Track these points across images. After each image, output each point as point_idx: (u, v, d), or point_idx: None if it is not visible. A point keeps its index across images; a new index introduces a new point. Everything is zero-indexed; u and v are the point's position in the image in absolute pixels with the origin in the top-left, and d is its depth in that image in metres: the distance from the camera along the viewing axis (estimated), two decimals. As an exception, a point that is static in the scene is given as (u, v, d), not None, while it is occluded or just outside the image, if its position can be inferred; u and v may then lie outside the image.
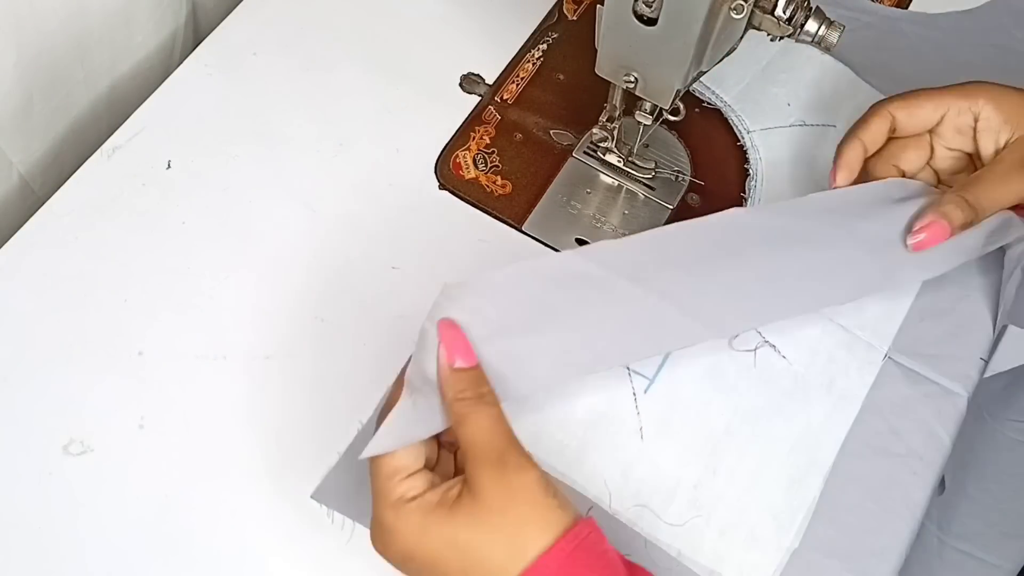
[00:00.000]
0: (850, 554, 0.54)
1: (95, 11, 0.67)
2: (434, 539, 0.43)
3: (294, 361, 0.59)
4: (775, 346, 0.59)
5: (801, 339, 0.60)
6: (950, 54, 0.71)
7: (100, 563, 0.54)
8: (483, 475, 0.43)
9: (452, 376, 0.46)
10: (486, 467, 0.43)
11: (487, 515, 0.43)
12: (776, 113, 0.68)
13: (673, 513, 0.55)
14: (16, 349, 0.59)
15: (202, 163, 0.66)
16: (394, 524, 0.44)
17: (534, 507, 0.43)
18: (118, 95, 0.72)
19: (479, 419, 0.44)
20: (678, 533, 0.55)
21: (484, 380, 0.46)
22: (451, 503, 0.43)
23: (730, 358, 0.59)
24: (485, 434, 0.44)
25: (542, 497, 0.43)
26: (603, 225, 0.65)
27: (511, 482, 0.43)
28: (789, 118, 0.68)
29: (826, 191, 0.58)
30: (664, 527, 0.55)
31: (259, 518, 0.55)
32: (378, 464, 0.45)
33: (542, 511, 0.43)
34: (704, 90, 0.68)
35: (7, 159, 0.66)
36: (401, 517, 0.44)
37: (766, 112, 0.68)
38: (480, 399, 0.45)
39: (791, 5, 0.52)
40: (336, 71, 0.70)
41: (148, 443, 0.57)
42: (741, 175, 0.67)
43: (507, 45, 0.71)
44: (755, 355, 0.59)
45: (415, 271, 0.62)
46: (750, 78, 0.69)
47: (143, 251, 0.63)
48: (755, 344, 0.60)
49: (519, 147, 0.67)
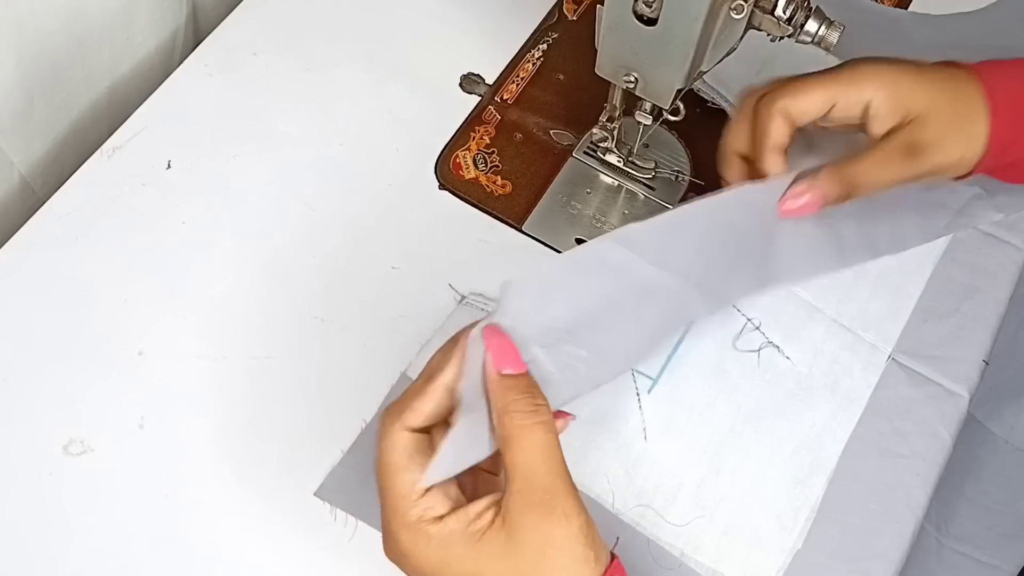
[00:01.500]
0: (853, 555, 0.54)
1: (95, 12, 0.67)
2: (455, 571, 0.40)
3: (294, 361, 0.59)
4: (779, 347, 0.60)
5: (805, 340, 0.60)
6: (955, 56, 0.70)
7: (100, 563, 0.54)
8: (525, 515, 0.39)
9: (501, 383, 0.41)
10: (531, 507, 0.39)
11: (518, 559, 0.39)
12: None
13: (676, 513, 0.55)
14: (16, 349, 0.59)
15: (202, 163, 0.66)
16: (411, 548, 0.40)
17: (572, 561, 0.40)
18: (118, 95, 0.72)
19: (532, 444, 0.40)
20: (681, 533, 0.55)
21: (538, 390, 0.42)
22: (479, 534, 0.40)
23: (734, 358, 0.59)
24: (536, 465, 0.40)
25: (581, 551, 0.40)
26: (603, 225, 0.65)
27: (554, 531, 0.39)
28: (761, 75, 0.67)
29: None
30: (667, 527, 0.55)
31: (259, 518, 0.55)
32: (390, 478, 0.41)
33: (578, 566, 0.40)
34: (708, 90, 0.68)
35: (8, 159, 0.66)
36: (420, 542, 0.40)
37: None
38: (535, 413, 0.41)
39: (791, 5, 0.52)
40: (336, 71, 0.70)
41: (148, 443, 0.57)
42: (741, 175, 0.67)
43: (507, 45, 0.71)
44: (759, 356, 0.59)
45: (415, 271, 0.62)
46: (753, 78, 0.68)
47: (143, 251, 0.63)
48: (759, 344, 0.60)
49: (519, 147, 0.67)
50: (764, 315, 0.61)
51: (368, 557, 0.54)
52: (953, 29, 0.72)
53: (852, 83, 0.52)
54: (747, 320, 0.60)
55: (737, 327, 0.60)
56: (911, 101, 0.51)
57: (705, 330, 0.60)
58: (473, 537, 0.39)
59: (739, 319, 0.60)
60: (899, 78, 0.52)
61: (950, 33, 0.72)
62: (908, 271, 0.63)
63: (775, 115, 0.53)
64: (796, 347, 0.60)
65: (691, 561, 0.54)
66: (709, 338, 0.60)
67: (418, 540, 0.40)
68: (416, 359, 0.58)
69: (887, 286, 0.62)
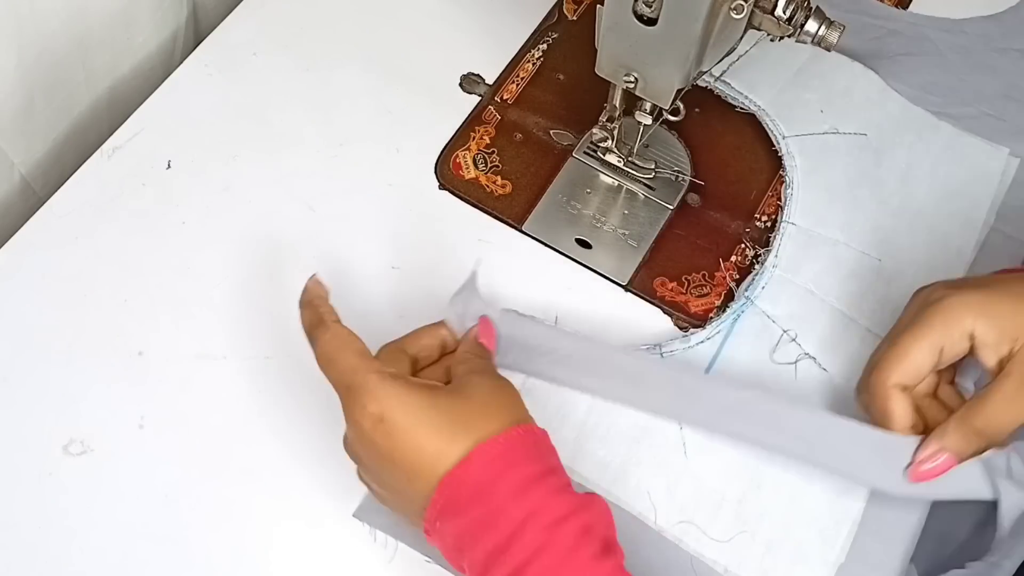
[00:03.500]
0: (895, 568, 0.53)
1: (96, 12, 0.67)
2: (414, 402, 0.46)
3: (294, 361, 0.59)
4: (815, 358, 0.59)
5: (840, 351, 0.60)
6: (976, 59, 0.71)
7: (100, 563, 0.54)
8: (473, 377, 0.49)
9: (472, 343, 0.53)
10: (475, 373, 0.49)
11: (464, 401, 0.47)
12: (809, 120, 0.67)
13: (718, 529, 0.55)
14: (16, 349, 0.59)
15: (202, 163, 0.66)
16: (378, 386, 0.46)
17: (510, 401, 0.49)
18: (119, 95, 0.72)
19: (476, 361, 0.51)
20: (724, 549, 0.54)
21: (487, 354, 0.53)
22: (431, 387, 0.48)
23: (771, 371, 0.59)
24: (479, 363, 0.52)
25: (518, 398, 0.49)
26: (603, 225, 0.65)
27: (499, 384, 0.49)
28: (822, 125, 0.67)
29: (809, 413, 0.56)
30: (710, 543, 0.54)
31: (259, 518, 0.55)
32: (347, 344, 0.48)
33: (511, 408, 0.48)
34: (737, 95, 0.68)
35: (9, 160, 0.66)
36: (386, 381, 0.46)
37: (800, 118, 0.67)
38: (479, 359, 0.52)
39: (791, 5, 0.52)
40: (336, 71, 0.70)
41: (148, 443, 0.57)
42: (742, 175, 0.67)
43: (507, 45, 0.71)
44: (796, 368, 0.59)
45: (415, 271, 0.62)
46: (783, 83, 0.68)
47: (143, 251, 0.63)
48: (796, 356, 0.59)
49: (519, 147, 0.67)
50: (800, 326, 0.60)
51: (369, 556, 0.54)
52: (974, 33, 0.72)
53: (949, 323, 0.51)
54: (783, 332, 0.60)
55: (774, 339, 0.60)
56: (1016, 327, 0.50)
57: (742, 343, 0.60)
58: (427, 387, 0.47)
59: (776, 331, 0.60)
60: (993, 302, 0.51)
61: (971, 37, 0.72)
62: None
63: (892, 394, 0.52)
64: (832, 358, 0.59)
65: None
66: (747, 351, 0.60)
67: (384, 380, 0.46)
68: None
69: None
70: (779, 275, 0.62)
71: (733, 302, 0.62)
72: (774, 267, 0.62)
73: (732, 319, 0.61)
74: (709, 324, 0.61)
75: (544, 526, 0.43)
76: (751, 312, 0.61)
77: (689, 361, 0.59)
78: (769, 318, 0.61)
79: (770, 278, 0.62)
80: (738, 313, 0.61)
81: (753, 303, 0.61)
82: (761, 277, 0.62)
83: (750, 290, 0.62)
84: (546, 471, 0.46)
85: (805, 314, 0.61)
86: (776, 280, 0.62)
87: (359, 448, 0.48)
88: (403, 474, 0.46)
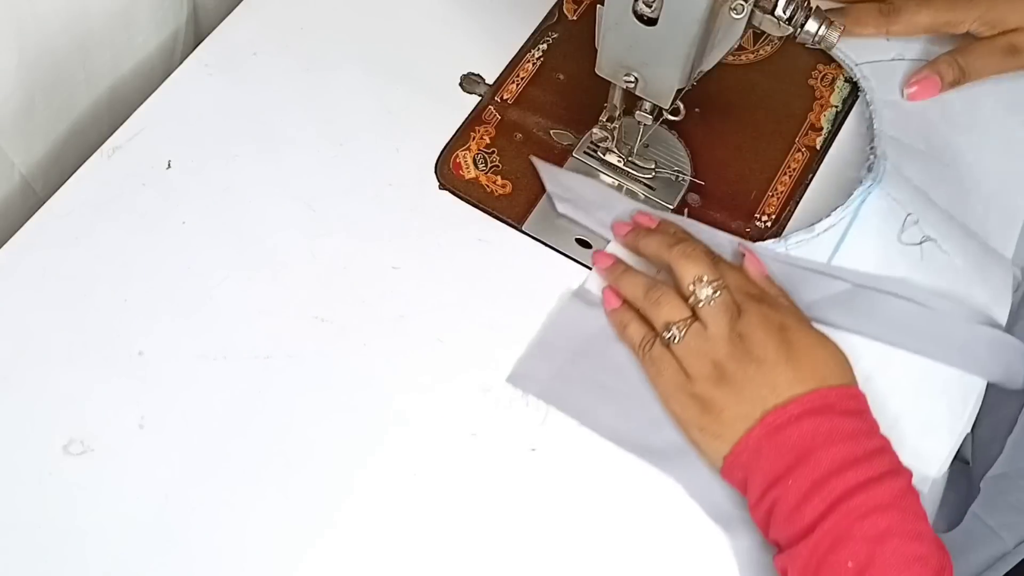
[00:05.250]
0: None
1: (96, 12, 0.67)
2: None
3: (294, 361, 0.59)
4: (935, 240, 0.61)
5: (956, 235, 0.62)
6: None
7: (100, 563, 0.54)
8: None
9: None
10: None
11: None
12: (875, 47, 0.70)
13: None
14: (16, 349, 0.59)
15: (202, 163, 0.66)
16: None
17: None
18: (119, 96, 0.72)
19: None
20: None
21: None
22: None
23: (899, 252, 0.61)
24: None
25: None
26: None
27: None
28: (889, 52, 0.70)
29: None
30: None
31: (259, 518, 0.55)
32: None
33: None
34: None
35: (9, 160, 0.66)
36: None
37: (866, 46, 0.70)
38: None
39: (791, 5, 0.52)
40: (336, 71, 0.70)
41: (148, 443, 0.57)
42: (742, 175, 0.67)
43: (507, 45, 0.71)
44: (921, 249, 0.61)
45: (415, 271, 0.62)
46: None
47: (143, 251, 0.63)
48: (920, 238, 0.61)
49: (519, 147, 0.67)
50: (919, 210, 0.62)
51: (378, 556, 0.54)
52: None
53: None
54: (907, 214, 0.62)
55: (899, 220, 0.62)
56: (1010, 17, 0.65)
57: (869, 225, 0.61)
58: None
59: (900, 213, 0.62)
60: None
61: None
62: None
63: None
64: (950, 240, 0.62)
65: None
66: (874, 232, 0.61)
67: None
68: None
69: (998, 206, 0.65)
70: (890, 167, 0.64)
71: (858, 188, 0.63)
72: (885, 158, 0.64)
73: (860, 200, 0.62)
74: (834, 211, 0.62)
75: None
76: (876, 195, 0.62)
77: (813, 251, 0.62)
78: (893, 198, 0.62)
79: (882, 169, 0.63)
80: (864, 196, 0.62)
81: (878, 185, 0.62)
82: (876, 168, 0.64)
83: (873, 172, 0.63)
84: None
85: (918, 202, 0.63)
86: (889, 173, 0.63)
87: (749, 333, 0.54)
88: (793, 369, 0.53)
